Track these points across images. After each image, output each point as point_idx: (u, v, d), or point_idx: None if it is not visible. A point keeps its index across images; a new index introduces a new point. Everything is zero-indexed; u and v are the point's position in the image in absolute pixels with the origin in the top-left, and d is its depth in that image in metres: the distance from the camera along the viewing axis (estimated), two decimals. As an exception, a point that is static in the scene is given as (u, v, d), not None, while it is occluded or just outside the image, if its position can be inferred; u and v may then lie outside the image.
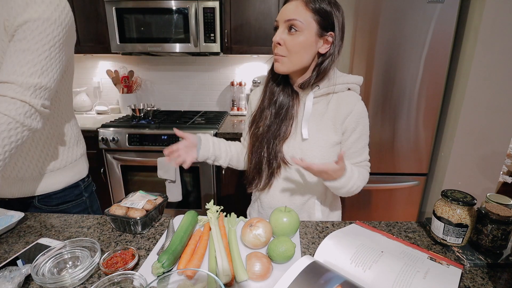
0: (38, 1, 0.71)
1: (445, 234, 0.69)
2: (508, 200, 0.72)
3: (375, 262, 0.59)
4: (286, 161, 0.85)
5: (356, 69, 1.53)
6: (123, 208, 0.75)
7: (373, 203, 1.76)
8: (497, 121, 1.48)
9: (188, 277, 0.55)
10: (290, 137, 0.85)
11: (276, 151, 0.85)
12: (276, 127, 0.85)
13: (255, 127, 0.89)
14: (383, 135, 1.62)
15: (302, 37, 0.75)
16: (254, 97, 0.95)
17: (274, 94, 0.87)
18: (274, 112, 0.86)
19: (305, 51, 0.77)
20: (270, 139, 0.85)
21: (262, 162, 0.88)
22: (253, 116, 0.91)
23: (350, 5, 1.45)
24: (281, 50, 0.77)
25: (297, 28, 0.74)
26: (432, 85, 1.52)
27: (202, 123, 1.92)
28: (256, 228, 0.68)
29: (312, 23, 0.74)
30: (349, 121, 0.82)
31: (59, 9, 0.74)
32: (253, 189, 0.94)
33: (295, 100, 0.86)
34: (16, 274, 0.56)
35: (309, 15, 0.74)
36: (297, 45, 0.76)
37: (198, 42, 1.88)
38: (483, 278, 0.61)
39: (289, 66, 0.79)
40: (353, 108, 0.81)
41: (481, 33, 1.37)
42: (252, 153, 0.89)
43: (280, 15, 0.77)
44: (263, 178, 0.89)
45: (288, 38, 0.76)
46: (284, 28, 0.76)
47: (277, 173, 0.87)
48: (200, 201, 1.94)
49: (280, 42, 0.76)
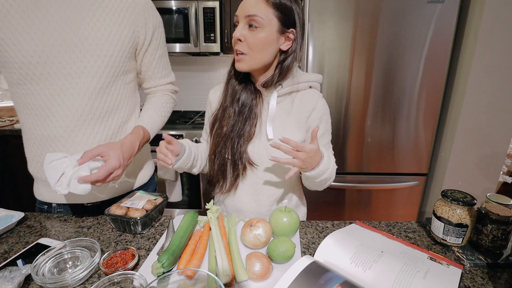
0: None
1: (445, 234, 0.69)
2: (508, 200, 0.72)
3: (375, 262, 0.59)
4: (251, 162, 0.83)
5: (356, 69, 1.53)
6: (123, 208, 0.75)
7: (373, 203, 1.76)
8: (497, 121, 1.48)
9: (188, 277, 0.55)
10: (255, 137, 0.83)
11: (241, 152, 0.82)
12: (240, 125, 0.82)
13: (218, 126, 0.85)
14: (383, 135, 1.62)
15: (263, 34, 0.73)
16: (214, 96, 0.91)
17: (236, 92, 0.84)
18: (237, 110, 0.83)
19: (267, 48, 0.75)
20: (234, 139, 0.82)
21: (226, 163, 0.85)
22: (214, 115, 0.87)
23: (350, 5, 1.45)
24: (242, 47, 0.75)
25: (257, 24, 0.72)
26: (432, 85, 1.52)
27: (202, 123, 1.92)
28: (256, 228, 0.68)
29: (273, 19, 0.73)
30: (313, 118, 0.82)
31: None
32: (217, 192, 0.91)
33: (258, 99, 0.83)
34: (16, 274, 0.57)
35: (270, 11, 0.72)
36: (259, 42, 0.74)
37: (198, 42, 1.88)
38: (483, 278, 0.61)
39: (250, 63, 0.77)
40: (316, 105, 0.82)
41: (481, 33, 1.37)
42: (215, 154, 0.86)
43: (239, 10, 0.75)
44: (228, 180, 0.86)
45: (249, 34, 0.74)
46: (245, 23, 0.74)
47: (243, 174, 0.85)
48: (200, 201, 1.94)
49: (240, 38, 0.74)
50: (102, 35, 0.75)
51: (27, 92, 0.74)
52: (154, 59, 0.88)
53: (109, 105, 0.81)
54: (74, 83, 0.75)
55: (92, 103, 0.78)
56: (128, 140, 0.80)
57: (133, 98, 0.88)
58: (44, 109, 0.75)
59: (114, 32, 0.77)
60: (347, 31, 1.49)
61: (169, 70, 0.96)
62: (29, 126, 0.79)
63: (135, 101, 0.90)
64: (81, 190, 0.68)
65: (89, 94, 0.77)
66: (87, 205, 0.88)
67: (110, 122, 0.82)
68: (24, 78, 0.72)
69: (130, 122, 0.88)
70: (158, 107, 0.91)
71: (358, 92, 1.57)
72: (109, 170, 0.71)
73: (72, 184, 0.68)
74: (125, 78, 0.83)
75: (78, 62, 0.74)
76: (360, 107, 1.59)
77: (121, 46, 0.79)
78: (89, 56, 0.75)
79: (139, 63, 0.87)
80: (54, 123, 0.76)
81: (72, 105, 0.76)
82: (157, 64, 0.89)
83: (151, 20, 0.84)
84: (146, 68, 0.89)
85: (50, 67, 0.72)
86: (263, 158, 0.82)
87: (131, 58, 0.84)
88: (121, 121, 0.85)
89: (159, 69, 0.91)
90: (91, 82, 0.76)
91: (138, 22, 0.81)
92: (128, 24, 0.79)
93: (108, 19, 0.76)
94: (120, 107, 0.84)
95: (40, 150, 0.80)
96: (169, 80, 0.96)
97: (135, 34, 0.81)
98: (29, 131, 0.79)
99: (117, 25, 0.77)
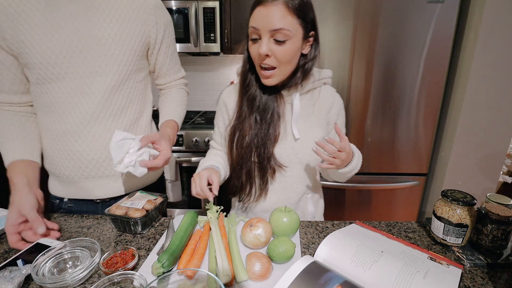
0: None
1: (445, 234, 0.69)
2: (508, 200, 0.72)
3: (375, 262, 0.59)
4: (280, 164, 0.83)
5: (356, 69, 1.53)
6: (123, 208, 0.75)
7: (373, 203, 1.76)
8: (497, 121, 1.48)
9: (188, 277, 0.55)
10: (280, 139, 0.83)
11: (269, 156, 0.82)
12: (264, 131, 0.81)
13: (239, 136, 0.83)
14: (383, 135, 1.62)
15: (291, 45, 0.71)
16: (230, 99, 0.88)
17: (254, 100, 0.82)
18: (259, 119, 0.82)
19: (295, 58, 0.75)
20: (259, 145, 0.81)
21: (254, 170, 0.84)
22: (232, 127, 0.85)
23: (350, 5, 1.45)
24: (271, 61, 0.73)
25: (285, 38, 0.70)
26: (432, 85, 1.52)
27: (202, 123, 1.92)
28: (256, 228, 0.68)
29: (298, 28, 0.71)
30: (332, 114, 0.86)
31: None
32: (245, 201, 0.89)
33: (280, 100, 0.83)
34: (16, 274, 0.56)
35: (295, 21, 0.70)
36: (287, 55, 0.72)
37: (198, 42, 1.88)
38: (483, 278, 0.61)
39: (280, 77, 0.77)
40: (334, 101, 0.85)
41: (481, 33, 1.37)
42: (241, 165, 0.84)
43: (260, 23, 0.70)
44: (256, 186, 0.86)
45: (276, 48, 0.71)
46: (269, 37, 0.70)
47: (272, 177, 0.85)
48: (200, 201, 1.94)
49: (268, 54, 0.72)
50: (115, 35, 0.78)
51: (45, 91, 0.78)
52: (167, 57, 0.92)
53: (121, 103, 0.83)
54: (89, 82, 0.78)
55: (105, 101, 0.80)
56: (172, 134, 0.88)
57: (144, 96, 0.91)
58: (61, 106, 0.79)
59: (126, 32, 0.79)
60: (347, 31, 1.49)
61: (180, 65, 1.01)
62: (46, 124, 0.82)
63: (146, 99, 0.93)
64: (139, 173, 0.74)
65: (103, 92, 0.80)
66: (97, 202, 0.90)
67: (122, 119, 0.85)
68: (43, 78, 0.76)
69: (142, 119, 0.91)
70: (180, 101, 0.98)
71: (358, 92, 1.57)
72: (165, 159, 0.77)
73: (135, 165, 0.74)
74: (137, 76, 0.86)
75: (92, 62, 0.77)
76: (360, 107, 1.59)
77: (133, 45, 0.81)
78: (102, 56, 0.77)
79: (153, 61, 0.91)
80: (69, 120, 0.80)
81: (87, 103, 0.79)
82: (170, 61, 0.94)
83: (161, 19, 0.86)
84: (161, 66, 0.93)
85: (67, 67, 0.75)
86: (291, 157, 0.83)
87: (143, 57, 0.87)
88: (132, 118, 0.87)
89: (172, 65, 0.96)
90: (105, 81, 0.79)
91: (149, 22, 0.83)
92: (139, 24, 0.82)
93: (121, 19, 0.78)
94: (131, 104, 0.86)
95: (56, 146, 0.83)
96: (181, 74, 1.01)
97: (146, 33, 0.84)
98: (46, 129, 0.83)
99: (129, 25, 0.80)
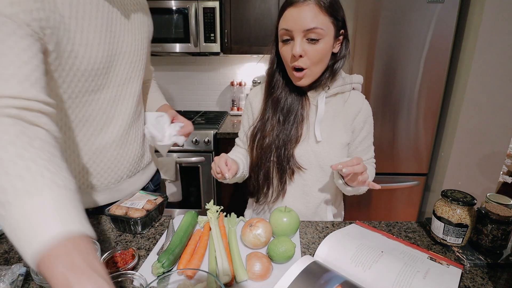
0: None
1: (445, 234, 0.69)
2: (508, 200, 0.72)
3: (375, 262, 0.59)
4: (299, 165, 0.81)
5: (356, 69, 1.53)
6: (123, 208, 0.75)
7: (373, 203, 1.76)
8: (497, 121, 1.48)
9: (188, 277, 0.55)
10: (302, 140, 0.81)
11: (288, 157, 0.81)
12: (286, 132, 0.81)
13: (260, 137, 0.83)
14: (383, 135, 1.62)
15: (323, 44, 0.71)
16: (255, 98, 0.90)
17: (279, 101, 0.82)
18: (282, 120, 0.82)
19: (326, 58, 0.74)
20: (280, 146, 0.81)
21: (272, 171, 0.84)
22: (253, 128, 0.86)
23: (350, 5, 1.45)
24: (304, 62, 0.72)
25: (318, 37, 0.69)
26: (432, 85, 1.52)
27: (202, 123, 1.92)
28: (256, 228, 0.68)
29: (330, 27, 0.71)
30: (358, 121, 0.83)
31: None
32: (262, 202, 0.89)
33: (305, 101, 0.82)
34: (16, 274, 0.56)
35: (327, 20, 0.70)
36: (319, 54, 0.72)
37: (198, 42, 1.88)
38: (483, 278, 0.61)
39: (312, 77, 0.76)
40: (361, 107, 0.83)
41: (481, 33, 1.37)
42: (259, 166, 0.84)
43: (293, 24, 0.70)
44: (274, 187, 0.85)
45: (309, 48, 0.71)
46: (302, 37, 0.70)
47: (291, 179, 0.84)
48: (200, 201, 1.94)
49: (302, 54, 0.71)
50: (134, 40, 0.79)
51: (84, 104, 0.74)
52: (149, 53, 0.93)
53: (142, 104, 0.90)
54: (124, 90, 0.80)
55: (135, 106, 0.84)
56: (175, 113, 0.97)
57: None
58: (102, 117, 0.77)
59: (141, 35, 0.81)
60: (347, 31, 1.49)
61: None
62: (80, 139, 0.77)
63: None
64: (181, 141, 0.90)
65: (134, 98, 0.83)
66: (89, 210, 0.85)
67: (142, 119, 0.90)
68: (85, 89, 0.72)
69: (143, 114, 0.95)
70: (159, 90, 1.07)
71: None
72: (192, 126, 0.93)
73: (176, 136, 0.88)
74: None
75: (127, 68, 0.79)
76: (360, 107, 1.59)
77: (146, 45, 0.85)
78: (130, 62, 0.79)
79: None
80: (109, 130, 0.79)
81: (123, 111, 0.81)
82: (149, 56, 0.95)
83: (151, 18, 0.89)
84: (148, 64, 0.94)
85: (108, 75, 0.75)
86: (311, 160, 0.82)
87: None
88: (143, 115, 0.92)
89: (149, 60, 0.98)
90: (135, 87, 0.82)
91: (149, 22, 0.86)
92: (146, 25, 0.84)
93: (136, 24, 0.80)
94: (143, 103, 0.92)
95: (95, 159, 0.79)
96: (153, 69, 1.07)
97: (150, 32, 0.87)
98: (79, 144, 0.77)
99: (140, 27, 0.81)
